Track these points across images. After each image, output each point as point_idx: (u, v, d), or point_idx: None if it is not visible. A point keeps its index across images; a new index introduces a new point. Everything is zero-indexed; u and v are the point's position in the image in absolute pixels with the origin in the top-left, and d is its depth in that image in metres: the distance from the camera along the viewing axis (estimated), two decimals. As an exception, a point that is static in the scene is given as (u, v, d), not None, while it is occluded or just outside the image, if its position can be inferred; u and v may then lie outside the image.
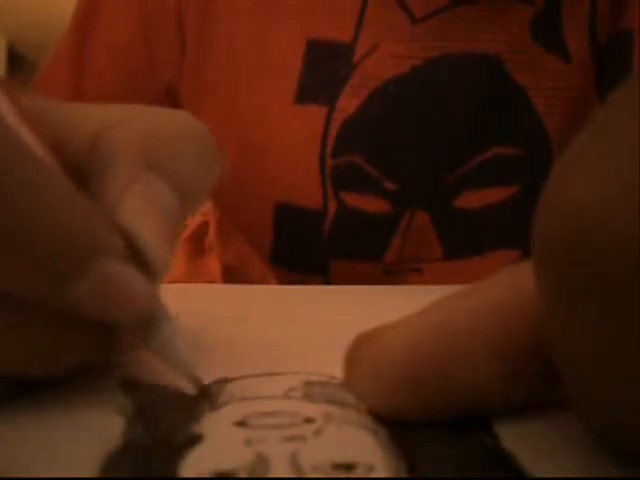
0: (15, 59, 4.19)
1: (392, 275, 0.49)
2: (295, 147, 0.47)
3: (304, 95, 0.46)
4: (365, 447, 0.14)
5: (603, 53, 0.47)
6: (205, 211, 0.67)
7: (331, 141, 0.46)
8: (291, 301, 0.36)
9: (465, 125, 0.46)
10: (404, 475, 0.13)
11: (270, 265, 0.51)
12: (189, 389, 0.18)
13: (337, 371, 0.19)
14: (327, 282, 0.50)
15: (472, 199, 0.47)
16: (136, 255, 0.17)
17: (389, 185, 0.47)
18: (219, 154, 0.23)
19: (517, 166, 0.47)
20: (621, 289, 0.11)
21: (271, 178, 0.48)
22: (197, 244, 0.68)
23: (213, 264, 0.64)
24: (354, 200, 0.47)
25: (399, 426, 0.15)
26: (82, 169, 0.19)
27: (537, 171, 0.47)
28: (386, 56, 0.46)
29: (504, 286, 0.15)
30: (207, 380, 0.19)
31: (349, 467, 0.13)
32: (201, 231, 0.68)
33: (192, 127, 0.22)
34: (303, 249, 0.50)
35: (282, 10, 0.46)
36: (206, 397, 0.17)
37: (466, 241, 0.48)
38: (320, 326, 0.28)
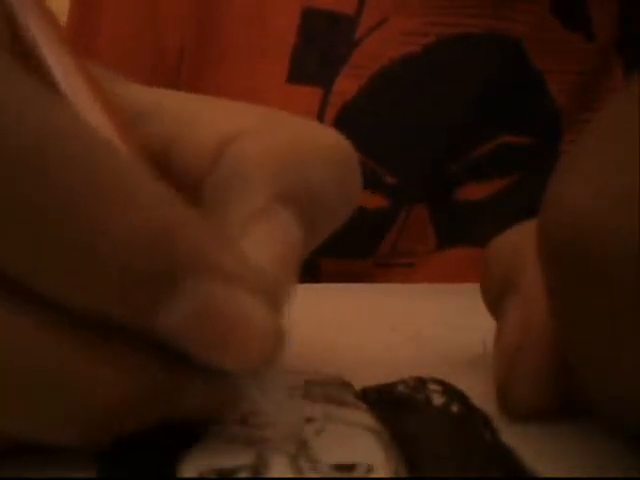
0: (15, 58, 4.20)
1: (382, 268, 0.45)
2: None
3: (297, 74, 0.41)
4: (365, 447, 0.14)
5: (634, 38, 0.42)
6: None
7: None
8: (291, 300, 0.36)
9: (476, 111, 0.42)
10: (404, 475, 0.13)
11: None
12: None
13: (337, 371, 0.19)
14: (317, 282, 0.45)
15: (474, 190, 0.44)
16: None
17: (389, 179, 0.42)
18: (358, 178, 0.19)
19: (523, 155, 0.44)
20: (610, 289, 0.12)
21: None
22: None
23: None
24: None
25: (399, 426, 0.15)
26: (195, 179, 0.17)
27: (542, 159, 0.43)
28: (395, 32, 0.40)
29: None
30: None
31: (349, 467, 0.13)
32: None
33: (331, 142, 0.18)
34: None
35: None
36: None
37: (462, 231, 0.45)
38: (320, 325, 0.27)
